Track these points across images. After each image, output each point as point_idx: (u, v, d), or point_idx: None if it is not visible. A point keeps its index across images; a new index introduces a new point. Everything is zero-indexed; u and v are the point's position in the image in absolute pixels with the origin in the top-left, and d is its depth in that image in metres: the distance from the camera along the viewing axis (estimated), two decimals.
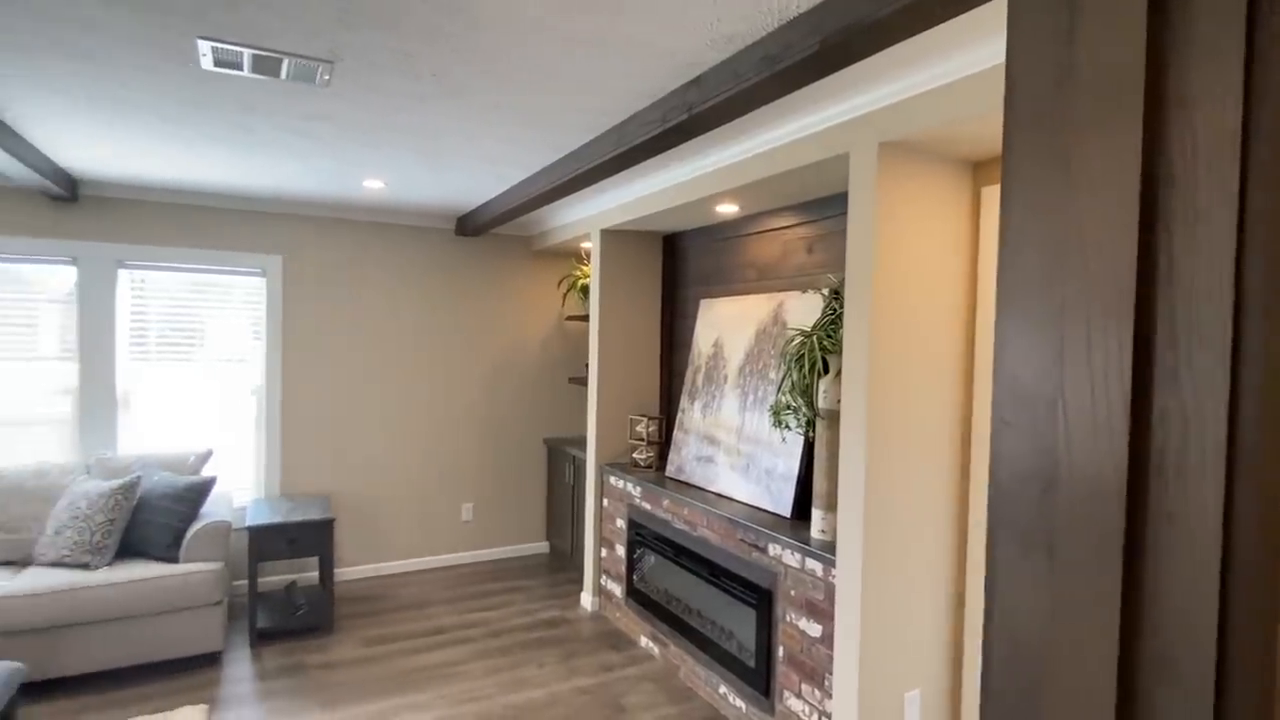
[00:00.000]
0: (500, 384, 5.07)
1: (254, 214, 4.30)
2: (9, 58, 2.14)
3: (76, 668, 3.10)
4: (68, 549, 3.24)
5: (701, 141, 2.84)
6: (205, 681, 3.23)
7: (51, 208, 3.85)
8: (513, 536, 5.16)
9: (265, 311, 4.34)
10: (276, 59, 2.10)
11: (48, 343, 3.90)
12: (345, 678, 3.29)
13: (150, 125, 2.80)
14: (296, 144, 3.03)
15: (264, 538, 3.64)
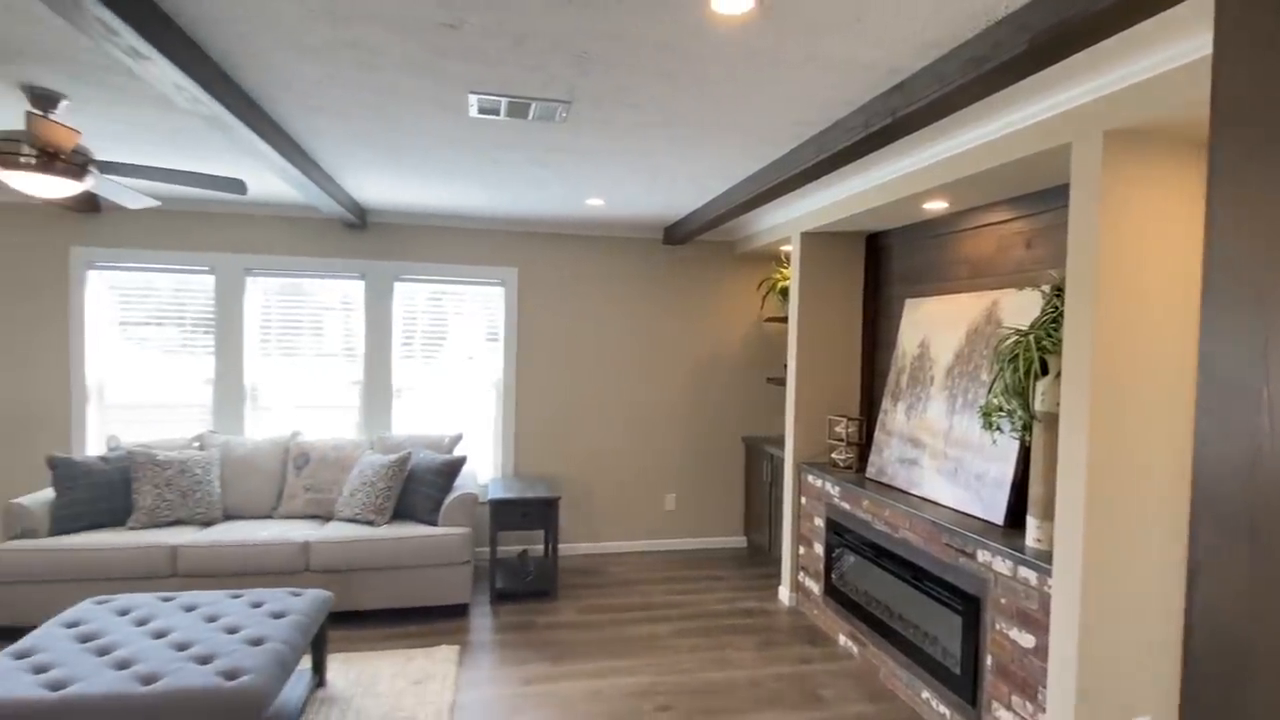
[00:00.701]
0: (702, 383, 5.33)
1: (496, 232, 4.97)
2: (331, 123, 2.77)
3: (364, 604, 3.84)
4: (359, 508, 4.03)
5: (906, 141, 2.84)
6: (456, 628, 3.84)
7: (348, 233, 4.78)
8: (712, 529, 5.39)
9: (503, 316, 5.00)
10: (526, 104, 2.50)
11: (333, 343, 4.85)
12: (567, 638, 3.72)
13: (425, 165, 3.42)
14: (536, 172, 3.51)
15: (502, 510, 4.22)
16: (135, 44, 1.80)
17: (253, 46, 2.08)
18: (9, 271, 4.36)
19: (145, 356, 4.60)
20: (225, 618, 2.75)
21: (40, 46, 2.12)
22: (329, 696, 3.05)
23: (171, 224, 4.54)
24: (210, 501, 4.01)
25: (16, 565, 3.47)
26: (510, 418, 5.02)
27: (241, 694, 2.23)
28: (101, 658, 2.42)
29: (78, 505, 3.73)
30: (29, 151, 2.39)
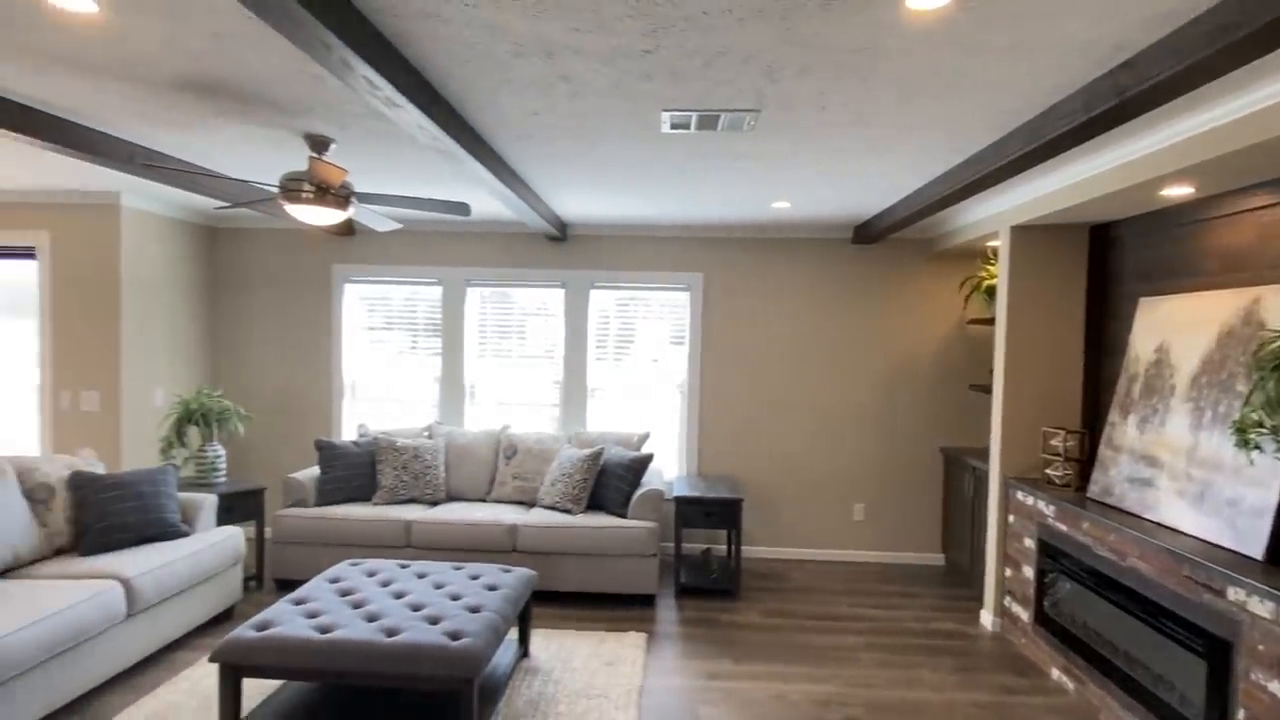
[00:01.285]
0: (896, 388, 5.10)
1: (682, 239, 5.14)
2: (539, 148, 3.05)
3: (561, 585, 4.16)
4: (558, 497, 4.37)
5: (1137, 121, 2.54)
6: (643, 616, 4.03)
7: (550, 246, 5.20)
8: (905, 543, 5.13)
9: (688, 320, 5.16)
10: (715, 116, 2.59)
11: (536, 346, 5.28)
12: (749, 638, 3.76)
13: (619, 180, 3.64)
14: (723, 179, 3.60)
15: (687, 508, 4.36)
16: (391, 95, 2.15)
17: (480, 89, 2.37)
18: (287, 286, 5.29)
19: (385, 357, 5.36)
20: (449, 586, 3.14)
21: (319, 102, 2.58)
22: (532, 666, 3.35)
23: (408, 243, 5.24)
24: (437, 484, 4.58)
25: (291, 529, 4.22)
26: (694, 419, 5.16)
27: (464, 653, 2.55)
28: (356, 610, 2.88)
29: (337, 481, 4.44)
30: (308, 188, 2.92)
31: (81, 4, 1.84)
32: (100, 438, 4.48)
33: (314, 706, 2.85)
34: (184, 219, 4.98)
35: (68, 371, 4.49)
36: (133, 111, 2.74)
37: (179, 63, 2.23)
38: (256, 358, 5.32)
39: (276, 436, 5.31)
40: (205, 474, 4.30)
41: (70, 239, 4.46)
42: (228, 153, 3.31)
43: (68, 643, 2.78)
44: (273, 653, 2.57)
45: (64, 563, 3.25)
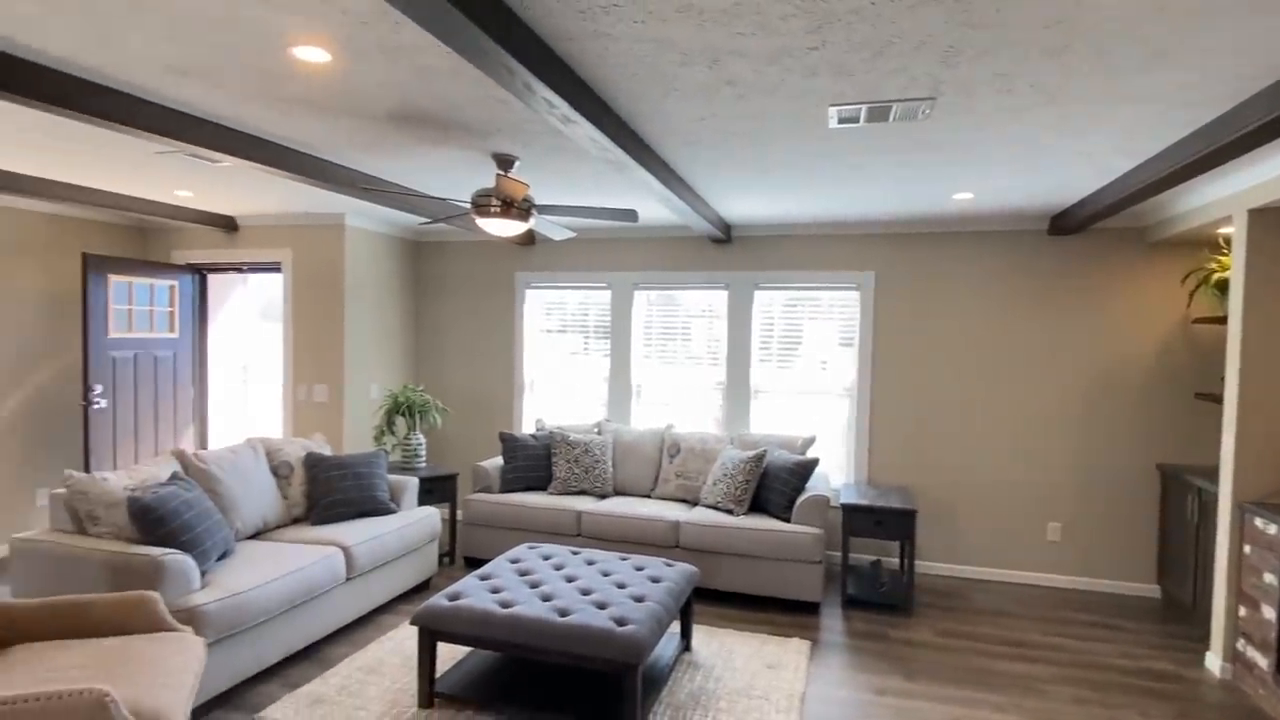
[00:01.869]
0: (1102, 396, 4.56)
1: (852, 237, 4.96)
2: (706, 153, 3.10)
3: (721, 584, 4.19)
4: (720, 497, 4.40)
5: None
6: (806, 624, 3.95)
7: (714, 248, 5.26)
8: (1112, 570, 4.57)
9: (858, 321, 4.97)
10: (886, 107, 2.50)
11: (699, 348, 5.34)
12: (923, 657, 3.55)
13: (785, 180, 3.60)
14: (896, 172, 3.44)
15: (855, 516, 4.20)
16: (566, 112, 2.31)
17: (647, 99, 2.47)
18: (476, 293, 5.81)
19: (560, 357, 5.70)
20: (615, 575, 3.29)
21: (505, 123, 2.83)
22: (693, 661, 3.42)
23: (581, 250, 5.55)
24: (605, 478, 4.80)
25: (478, 512, 4.63)
26: (864, 424, 4.95)
27: (629, 639, 2.67)
28: (532, 589, 3.11)
29: (518, 471, 4.81)
30: (495, 202, 3.20)
31: (318, 55, 2.18)
32: (327, 425, 5.21)
33: (496, 675, 3.12)
34: (394, 234, 5.64)
35: (304, 368, 5.27)
36: (355, 142, 3.17)
37: (391, 97, 2.56)
38: (451, 357, 5.89)
39: (467, 428, 5.85)
40: (409, 459, 4.84)
41: (306, 255, 5.23)
42: (429, 174, 3.72)
43: (302, 597, 3.27)
44: (461, 621, 2.85)
45: (299, 530, 3.82)
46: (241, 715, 2.88)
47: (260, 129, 2.99)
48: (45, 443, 4.99)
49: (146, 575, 2.78)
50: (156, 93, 2.56)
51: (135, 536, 3.00)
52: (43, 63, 2.30)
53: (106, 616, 2.44)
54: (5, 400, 4.75)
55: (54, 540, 2.99)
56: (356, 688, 3.09)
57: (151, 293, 5.15)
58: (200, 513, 3.15)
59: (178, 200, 4.71)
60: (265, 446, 4.05)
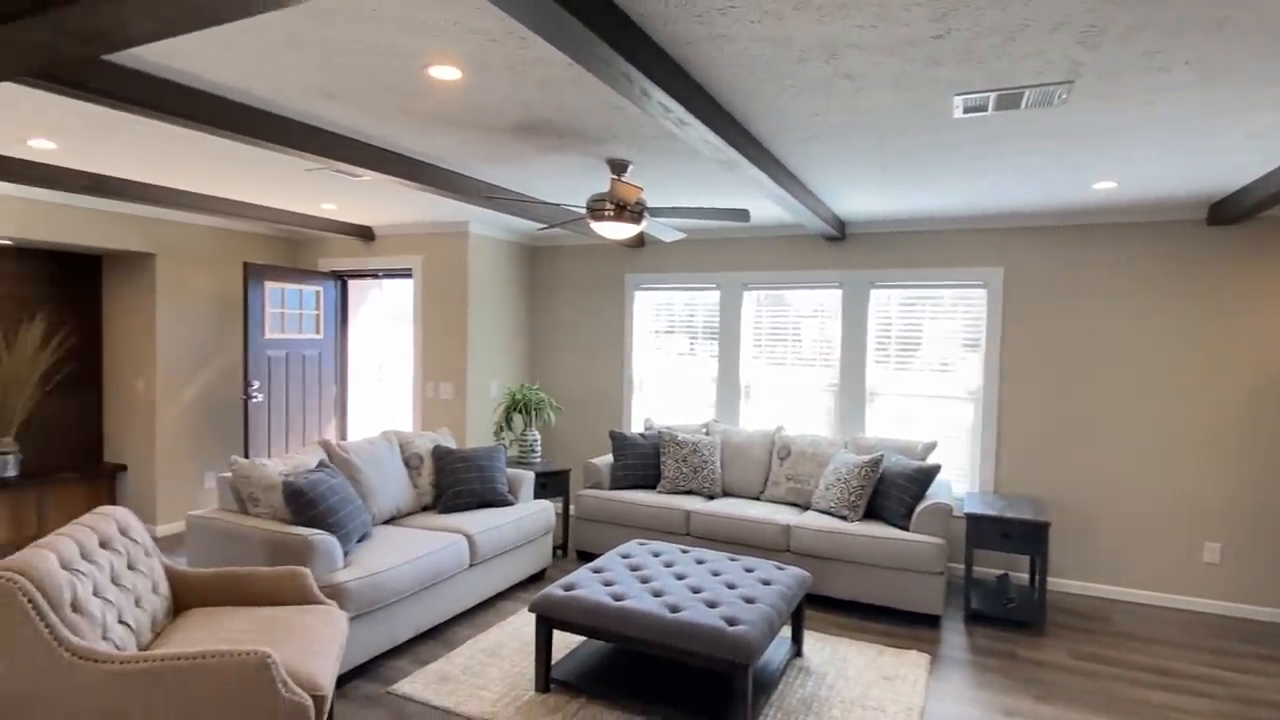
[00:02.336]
0: (1269, 404, 4.08)
1: (977, 231, 4.71)
2: (822, 148, 3.05)
3: (834, 591, 4.09)
4: (833, 502, 4.30)
5: None
6: (926, 637, 3.78)
7: (827, 246, 5.14)
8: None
9: (985, 321, 4.70)
10: (1018, 94, 2.36)
11: (811, 348, 5.23)
12: (1056, 679, 3.32)
13: (905, 173, 3.48)
14: (1027, 162, 3.24)
15: (980, 527, 3.99)
16: (682, 116, 2.35)
17: (761, 98, 2.47)
18: (588, 294, 5.97)
19: (668, 357, 5.76)
20: (724, 575, 3.30)
21: (620, 129, 2.91)
22: (805, 667, 3.36)
23: (690, 250, 5.58)
24: (713, 479, 4.81)
25: (589, 507, 4.76)
26: (990, 430, 4.68)
27: (739, 638, 2.67)
28: (643, 584, 3.17)
29: (627, 469, 4.90)
30: (609, 206, 3.29)
31: (451, 73, 2.33)
32: (451, 421, 5.52)
33: (608, 666, 3.21)
34: (513, 240, 5.90)
35: (432, 366, 5.61)
36: (480, 153, 3.35)
37: (515, 109, 2.69)
38: (564, 357, 6.09)
39: (581, 425, 6.03)
40: (525, 454, 5.05)
41: (435, 261, 5.57)
42: (546, 181, 3.87)
43: (430, 580, 3.50)
44: (575, 611, 2.96)
45: (427, 517, 4.08)
46: (377, 686, 3.12)
47: (397, 144, 3.22)
48: (211, 432, 5.60)
49: (298, 552, 3.06)
50: (307, 114, 2.82)
51: (288, 517, 3.31)
52: (218, 93, 2.60)
53: (264, 588, 2.72)
54: (182, 394, 5.37)
55: (221, 518, 3.36)
56: (479, 668, 3.27)
57: (300, 297, 5.66)
58: (343, 498, 3.43)
59: (323, 213, 5.15)
60: (399, 439, 4.35)
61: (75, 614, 2.04)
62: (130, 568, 2.43)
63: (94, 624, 2.07)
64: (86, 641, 2.00)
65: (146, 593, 2.44)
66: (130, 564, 2.43)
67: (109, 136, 3.19)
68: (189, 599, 2.68)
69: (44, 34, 1.60)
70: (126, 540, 2.48)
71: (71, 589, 2.05)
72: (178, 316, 5.33)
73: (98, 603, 2.15)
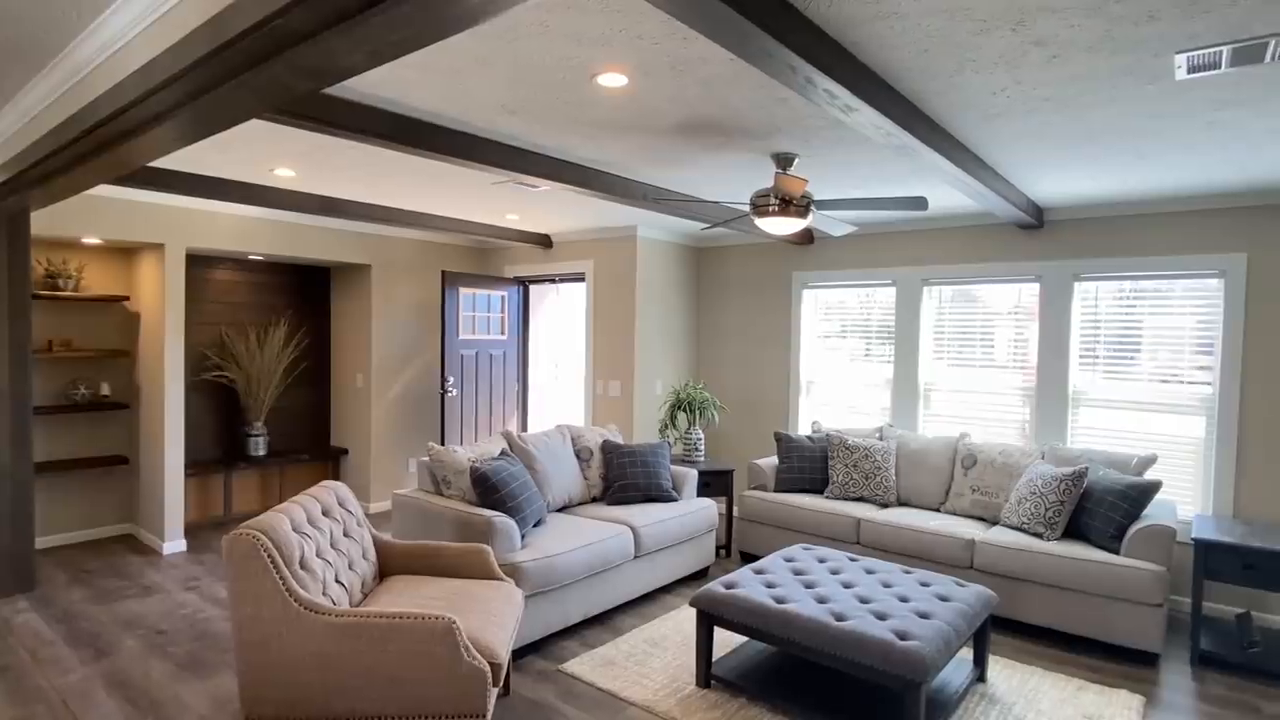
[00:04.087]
0: None
1: (1210, 211, 4.04)
2: (1008, 126, 2.78)
3: (1025, 616, 3.69)
4: (1026, 517, 3.89)
5: None
6: (1140, 677, 3.30)
7: (1022, 235, 4.67)
8: None
9: (1221, 316, 4.02)
10: (1260, 45, 2.00)
11: (1003, 349, 4.76)
12: None
13: (1114, 149, 3.07)
14: (1272, 126, 2.73)
15: (1212, 555, 3.41)
16: (849, 101, 2.26)
17: (938, 76, 2.31)
18: (754, 294, 5.91)
19: (838, 359, 5.54)
20: (896, 587, 3.11)
21: (784, 121, 2.85)
22: (989, 694, 3.08)
23: (863, 246, 5.34)
24: (887, 486, 4.55)
25: (753, 509, 4.71)
26: (1228, 444, 3.99)
27: (911, 654, 2.50)
28: (807, 589, 3.08)
29: (793, 472, 4.78)
30: (774, 201, 3.24)
31: (618, 80, 2.43)
32: (619, 417, 5.73)
33: (771, 669, 3.15)
34: (679, 242, 6.01)
35: (601, 365, 5.86)
36: (646, 157, 3.45)
37: (679, 110, 2.74)
38: (730, 357, 6.08)
39: (744, 426, 5.99)
40: (688, 453, 5.11)
41: (605, 264, 5.82)
42: (711, 181, 3.89)
43: (598, 567, 3.65)
44: (736, 609, 2.94)
45: (596, 508, 4.26)
46: (548, 663, 3.31)
47: (570, 153, 3.41)
48: (413, 423, 6.26)
49: (481, 531, 3.34)
50: (491, 130, 3.07)
51: (475, 499, 3.62)
52: (416, 115, 2.91)
53: (451, 561, 2.99)
54: (390, 389, 6.07)
55: (420, 498, 3.75)
56: (642, 656, 3.36)
57: (489, 301, 6.16)
58: (522, 484, 3.69)
59: (507, 223, 5.58)
60: (570, 432, 4.59)
61: (303, 570, 2.38)
62: (346, 535, 2.78)
63: (316, 580, 2.41)
64: (310, 594, 2.32)
65: (358, 558, 2.78)
66: (346, 532, 2.79)
67: (333, 160, 3.69)
68: (392, 566, 3.02)
69: (281, 71, 1.89)
70: (343, 511, 2.85)
71: (300, 549, 2.39)
72: (388, 320, 6.03)
73: (319, 563, 2.49)
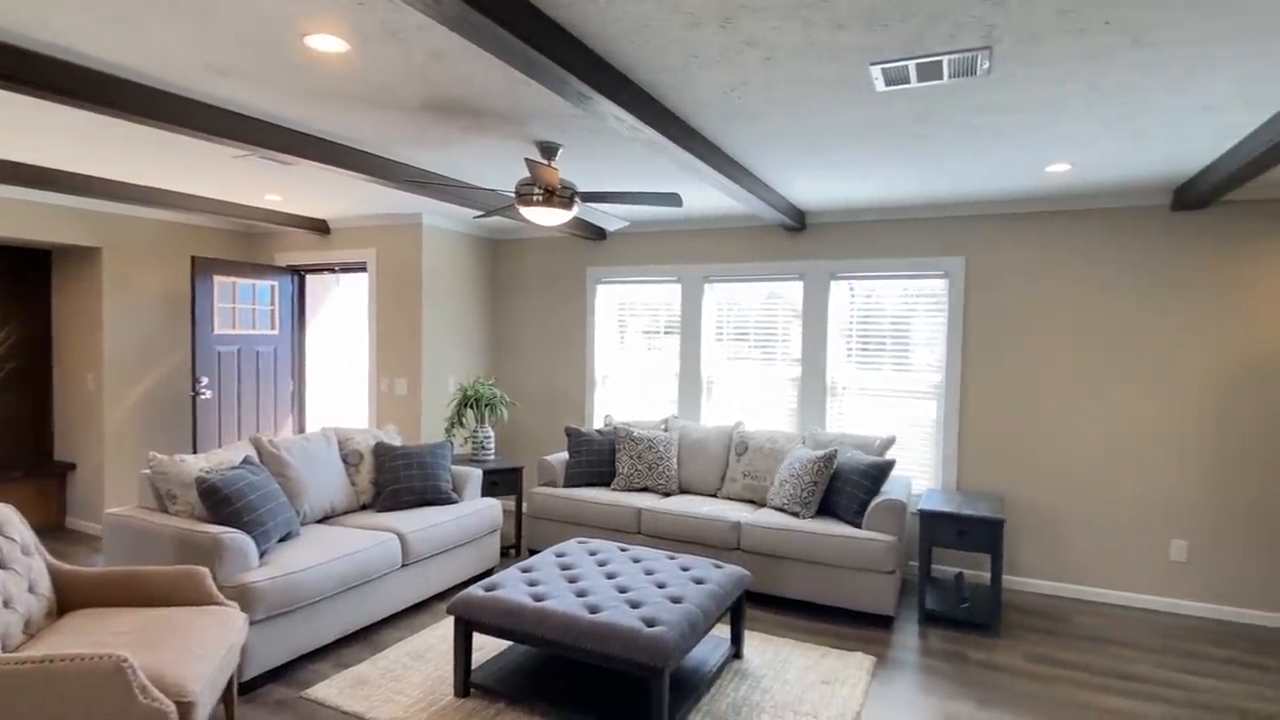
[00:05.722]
0: (1238, 397, 3.92)
1: (937, 220, 4.56)
2: (749, 127, 2.91)
3: (785, 590, 3.95)
4: (786, 499, 4.16)
5: None
6: (875, 638, 3.64)
7: (788, 237, 5.00)
8: (1253, 598, 3.92)
9: (946, 312, 4.56)
10: (936, 63, 2.23)
11: (773, 342, 5.08)
12: (1005, 683, 3.17)
13: (844, 156, 3.33)
14: (970, 142, 3.10)
15: (934, 524, 3.84)
16: (580, 89, 2.21)
17: (667, 69, 2.34)
18: (549, 287, 5.85)
19: (631, 353, 5.63)
20: (658, 574, 3.16)
21: (534, 107, 2.77)
22: (743, 669, 3.22)
23: (650, 244, 5.45)
24: (669, 475, 4.67)
25: (542, 505, 4.63)
26: (953, 425, 4.53)
27: (655, 640, 2.53)
28: (570, 584, 3.03)
29: (582, 466, 4.77)
30: (537, 191, 3.16)
31: (334, 44, 2.21)
32: (407, 417, 5.40)
33: (533, 670, 3.07)
34: (471, 233, 5.78)
35: (386, 362, 5.49)
36: (403, 136, 3.23)
37: (416, 84, 2.56)
38: (527, 352, 5.96)
39: (542, 421, 5.90)
40: (477, 451, 4.93)
41: (388, 254, 5.45)
42: (482, 166, 3.74)
43: (356, 580, 3.37)
44: (493, 612, 2.82)
45: (364, 516, 3.95)
46: (289, 690, 2.99)
47: (309, 125, 3.10)
48: (161, 430, 5.48)
49: (208, 551, 2.94)
50: (199, 91, 2.69)
51: (204, 515, 3.19)
52: (94, 68, 2.48)
53: (160, 588, 2.59)
54: (131, 391, 5.26)
55: (136, 516, 3.23)
56: (400, 671, 3.14)
57: (254, 292, 5.54)
58: (265, 494, 3.31)
59: (270, 204, 5.03)
60: (338, 435, 4.23)
61: None
62: (2, 567, 2.30)
63: None
64: None
65: (19, 593, 2.31)
66: (2, 563, 2.31)
67: (32, 120, 3.07)
68: (77, 599, 2.56)
69: None
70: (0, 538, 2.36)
71: None
72: (126, 312, 5.22)
73: None
